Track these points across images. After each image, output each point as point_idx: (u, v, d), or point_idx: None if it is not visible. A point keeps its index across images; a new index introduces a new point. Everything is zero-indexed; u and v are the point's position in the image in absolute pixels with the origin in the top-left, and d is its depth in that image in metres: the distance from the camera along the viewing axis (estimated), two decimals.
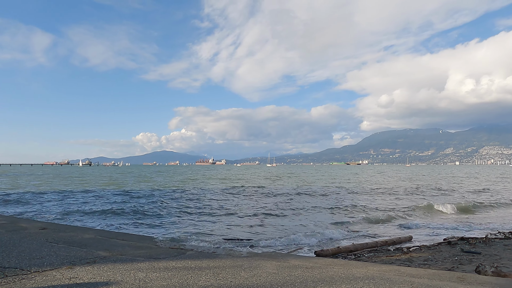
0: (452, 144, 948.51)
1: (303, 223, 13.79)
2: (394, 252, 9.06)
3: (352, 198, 23.30)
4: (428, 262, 7.62)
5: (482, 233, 11.78)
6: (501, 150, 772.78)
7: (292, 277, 4.68)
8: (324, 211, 17.03)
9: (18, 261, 5.18)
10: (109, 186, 33.97)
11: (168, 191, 28.06)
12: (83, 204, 19.17)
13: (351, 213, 16.35)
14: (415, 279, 4.65)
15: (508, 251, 8.63)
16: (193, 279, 4.49)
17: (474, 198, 23.10)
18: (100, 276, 4.53)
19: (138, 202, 19.80)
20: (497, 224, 13.87)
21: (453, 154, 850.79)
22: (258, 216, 15.36)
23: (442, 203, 18.46)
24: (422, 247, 9.58)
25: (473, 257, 8.10)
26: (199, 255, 5.95)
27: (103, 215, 15.21)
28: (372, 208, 18.13)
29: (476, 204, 19.31)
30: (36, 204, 18.90)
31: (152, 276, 4.58)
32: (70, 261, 5.24)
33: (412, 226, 13.18)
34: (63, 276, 4.49)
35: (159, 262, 5.34)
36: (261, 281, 4.44)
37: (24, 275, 4.53)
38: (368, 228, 12.92)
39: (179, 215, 15.42)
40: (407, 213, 16.17)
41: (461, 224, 13.56)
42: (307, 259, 6.18)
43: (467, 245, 9.52)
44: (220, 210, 16.95)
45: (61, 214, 15.22)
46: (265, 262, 5.51)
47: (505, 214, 16.82)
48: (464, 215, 16.49)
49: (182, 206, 18.44)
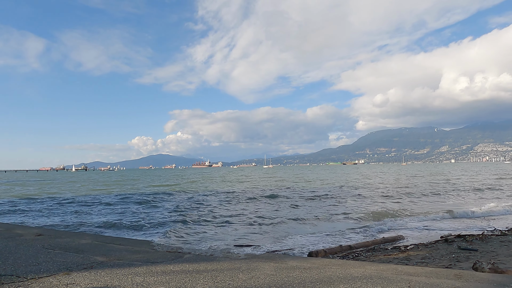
0: (447, 142, 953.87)
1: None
2: (391, 250, 9.09)
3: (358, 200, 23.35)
4: (425, 260, 7.65)
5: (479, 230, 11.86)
6: (495, 147, 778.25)
7: (290, 278, 4.67)
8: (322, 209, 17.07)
9: (14, 268, 5.14)
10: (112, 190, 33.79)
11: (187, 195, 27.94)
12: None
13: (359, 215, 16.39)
14: (412, 277, 4.66)
15: (504, 248, 8.69)
16: (191, 282, 4.47)
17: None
18: (97, 281, 4.50)
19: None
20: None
21: (448, 152, 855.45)
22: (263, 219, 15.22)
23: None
24: (419, 245, 9.62)
25: (470, 254, 8.14)
26: (196, 258, 5.93)
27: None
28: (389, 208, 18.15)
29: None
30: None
31: (150, 280, 4.56)
32: (66, 267, 5.20)
33: (407, 225, 13.26)
34: (60, 283, 4.45)
35: (156, 266, 5.31)
36: (259, 283, 4.43)
37: (20, 282, 4.49)
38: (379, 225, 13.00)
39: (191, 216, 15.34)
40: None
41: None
42: (305, 260, 6.18)
43: (464, 243, 9.58)
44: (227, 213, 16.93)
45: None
46: (262, 264, 5.50)
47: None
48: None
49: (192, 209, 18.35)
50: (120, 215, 16.63)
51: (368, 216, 15.15)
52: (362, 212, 16.14)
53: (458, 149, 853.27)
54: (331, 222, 14.15)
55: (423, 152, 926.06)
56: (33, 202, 23.40)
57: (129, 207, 19.58)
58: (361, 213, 16.00)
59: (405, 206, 18.65)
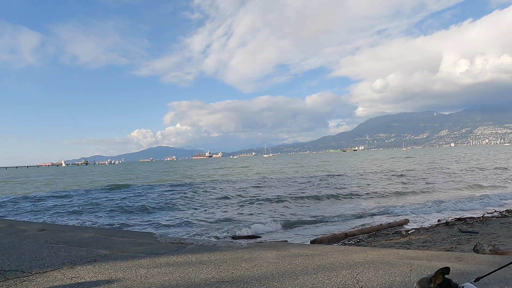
0: (447, 126, 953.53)
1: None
2: (393, 235, 9.15)
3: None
4: (426, 244, 7.71)
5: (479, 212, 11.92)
6: (495, 130, 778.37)
7: (292, 265, 4.71)
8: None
9: (19, 263, 5.17)
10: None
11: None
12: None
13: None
14: (414, 261, 4.70)
15: (505, 229, 8.75)
16: (194, 272, 4.51)
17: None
18: (101, 274, 4.54)
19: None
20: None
21: (448, 136, 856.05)
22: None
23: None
24: (420, 229, 9.69)
25: (471, 236, 8.20)
26: (199, 249, 5.97)
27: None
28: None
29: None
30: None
31: (154, 271, 4.59)
32: (70, 261, 5.23)
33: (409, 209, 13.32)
34: (64, 276, 4.49)
35: (160, 258, 5.35)
36: (262, 271, 4.47)
37: (25, 277, 4.52)
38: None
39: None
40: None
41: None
42: (307, 247, 6.23)
43: (465, 225, 9.64)
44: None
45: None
46: (265, 252, 5.54)
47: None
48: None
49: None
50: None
51: (372, 200, 15.26)
52: (368, 197, 16.26)
53: (458, 133, 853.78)
54: (335, 208, 14.23)
55: (423, 137, 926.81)
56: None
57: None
58: (367, 197, 16.12)
59: (408, 190, 18.70)
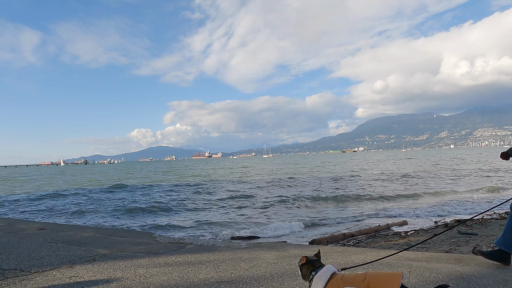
0: (446, 128, 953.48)
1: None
2: (392, 236, 9.15)
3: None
4: (426, 245, 7.71)
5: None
6: (495, 132, 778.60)
7: (291, 266, 4.71)
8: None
9: (18, 262, 5.17)
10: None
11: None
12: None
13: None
14: (413, 262, 4.70)
15: None
16: (193, 272, 4.50)
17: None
18: (100, 273, 4.54)
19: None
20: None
21: (447, 137, 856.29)
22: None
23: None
24: (419, 231, 9.69)
25: (470, 238, 8.19)
26: (198, 249, 5.96)
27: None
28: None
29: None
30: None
31: (153, 271, 4.59)
32: (70, 260, 5.23)
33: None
34: (63, 276, 4.48)
35: (159, 257, 5.35)
36: (261, 272, 4.47)
37: (24, 276, 4.52)
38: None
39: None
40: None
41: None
42: (306, 248, 6.23)
43: (464, 227, 9.64)
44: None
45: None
46: (264, 253, 5.54)
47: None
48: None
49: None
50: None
51: (372, 201, 15.26)
52: (368, 198, 16.27)
53: (458, 135, 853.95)
54: (334, 209, 14.23)
55: (422, 138, 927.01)
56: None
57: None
58: (366, 198, 16.13)
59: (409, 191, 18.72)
